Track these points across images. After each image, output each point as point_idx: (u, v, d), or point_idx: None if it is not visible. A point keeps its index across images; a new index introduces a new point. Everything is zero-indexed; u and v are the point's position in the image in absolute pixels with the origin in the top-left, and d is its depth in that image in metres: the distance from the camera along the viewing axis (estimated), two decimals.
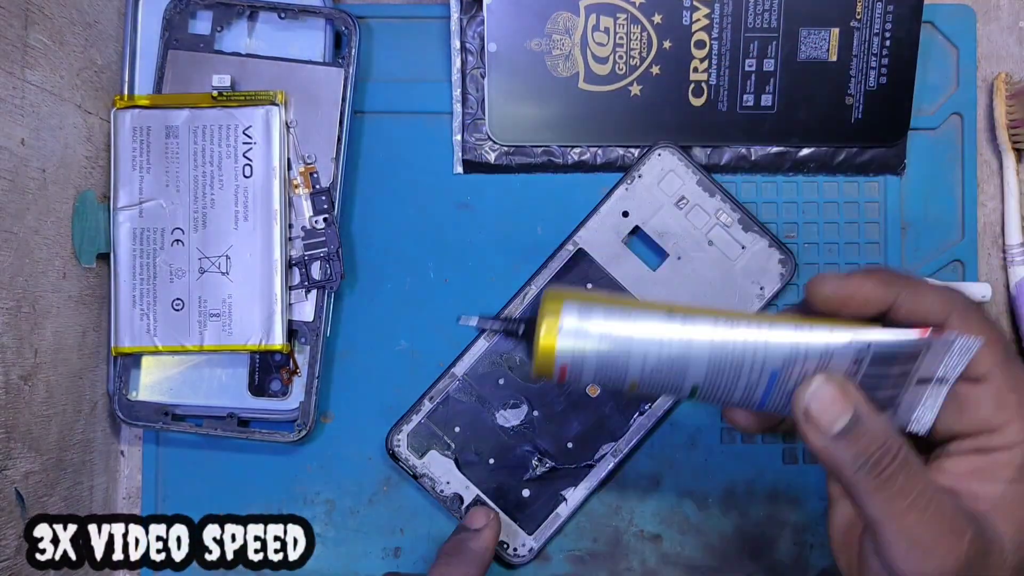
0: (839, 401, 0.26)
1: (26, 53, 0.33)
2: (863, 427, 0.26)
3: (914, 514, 0.26)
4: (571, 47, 0.38)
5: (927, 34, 0.39)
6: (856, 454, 0.26)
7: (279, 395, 0.39)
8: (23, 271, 0.33)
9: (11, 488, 0.33)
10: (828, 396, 0.26)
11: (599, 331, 0.26)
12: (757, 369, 0.26)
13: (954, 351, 0.26)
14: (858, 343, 0.26)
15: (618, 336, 0.26)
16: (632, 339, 0.26)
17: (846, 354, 0.26)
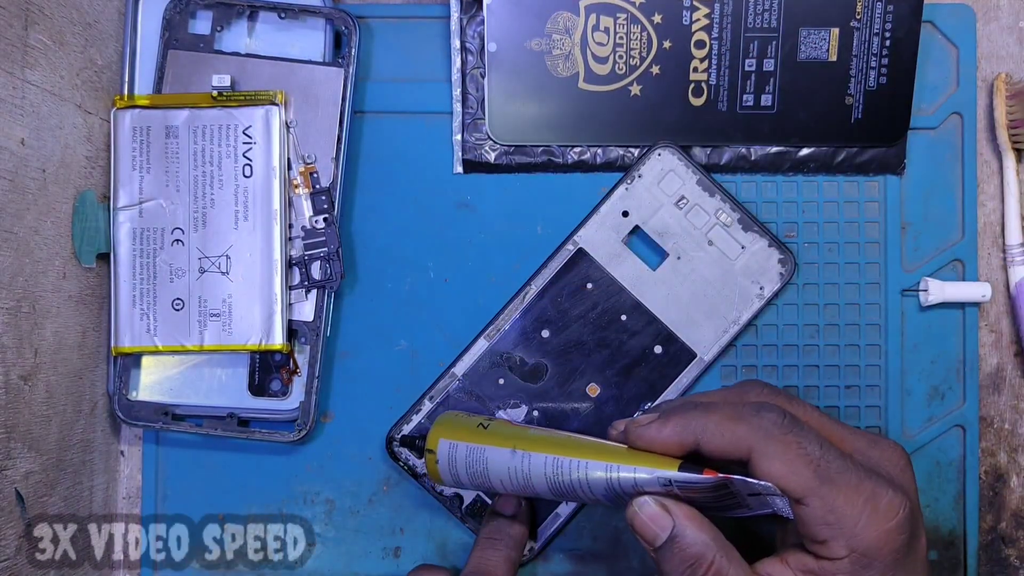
0: (659, 518, 0.30)
1: (26, 53, 0.33)
2: (680, 542, 0.30)
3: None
4: (571, 47, 0.38)
5: (927, 34, 0.39)
6: (669, 570, 0.30)
7: (279, 395, 0.39)
8: (23, 271, 0.33)
9: (11, 488, 0.33)
10: (647, 515, 0.30)
11: (463, 464, 0.34)
12: (589, 493, 0.32)
13: (759, 485, 0.29)
14: (660, 479, 0.30)
15: (477, 468, 0.34)
16: (488, 469, 0.34)
17: (653, 484, 0.30)
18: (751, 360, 0.40)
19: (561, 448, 0.32)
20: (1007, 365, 0.40)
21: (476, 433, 0.34)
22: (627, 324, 0.39)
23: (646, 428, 0.31)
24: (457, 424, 0.35)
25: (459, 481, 0.35)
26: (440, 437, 0.35)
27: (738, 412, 0.30)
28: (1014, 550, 0.40)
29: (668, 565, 0.30)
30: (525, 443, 0.33)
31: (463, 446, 0.34)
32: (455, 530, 0.40)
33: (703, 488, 0.29)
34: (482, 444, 0.34)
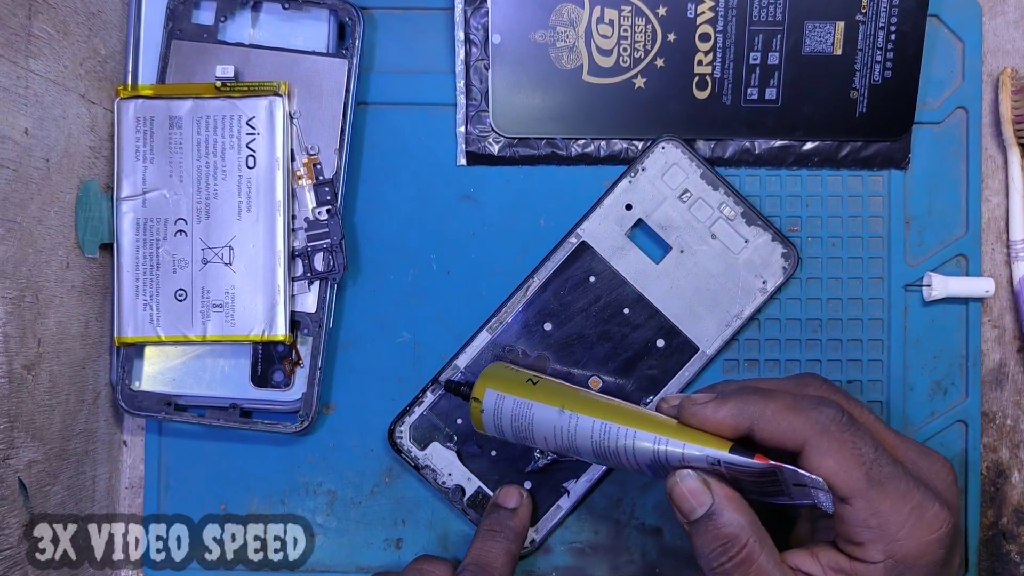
0: (698, 494, 0.30)
1: (30, 42, 0.33)
2: (714, 521, 0.30)
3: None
4: (575, 39, 0.38)
5: (932, 27, 0.39)
6: (701, 545, 0.30)
7: (281, 386, 0.39)
8: (27, 261, 0.33)
9: (14, 477, 0.33)
10: (688, 488, 0.30)
11: (508, 418, 0.34)
12: (633, 462, 0.32)
13: (807, 477, 0.29)
14: (709, 458, 0.30)
15: (522, 422, 0.34)
16: (533, 425, 0.34)
17: (699, 462, 0.30)
18: (754, 354, 0.40)
19: (610, 414, 0.32)
20: (1010, 361, 0.40)
21: (525, 388, 0.34)
22: (630, 317, 0.39)
23: (702, 407, 0.31)
24: (506, 376, 0.35)
25: (501, 432, 0.35)
26: (488, 387, 0.35)
27: (797, 403, 0.30)
28: (1015, 546, 0.40)
29: (700, 540, 0.30)
30: (574, 404, 0.33)
31: (510, 399, 0.34)
32: (457, 522, 0.40)
33: (750, 472, 0.29)
34: (530, 400, 0.34)
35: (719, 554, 0.29)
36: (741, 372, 0.40)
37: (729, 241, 0.39)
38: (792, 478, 0.29)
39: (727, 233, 0.39)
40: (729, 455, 0.30)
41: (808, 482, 0.29)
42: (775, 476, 0.29)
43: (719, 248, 0.39)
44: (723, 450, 0.30)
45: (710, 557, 0.30)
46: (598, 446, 0.32)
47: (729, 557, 0.29)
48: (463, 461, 0.39)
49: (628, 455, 0.32)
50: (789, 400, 0.30)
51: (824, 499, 0.29)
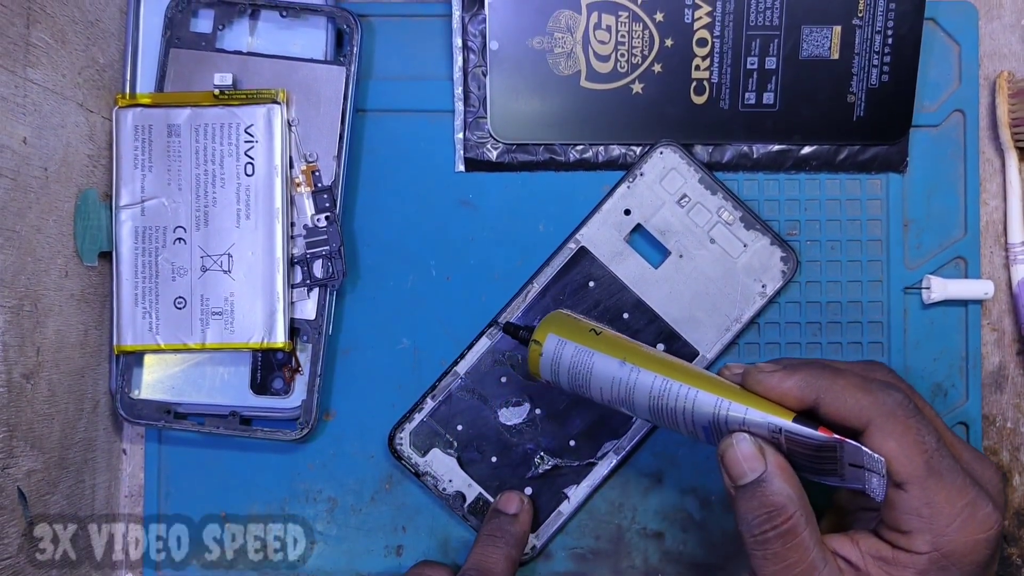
0: (752, 459, 0.30)
1: (28, 52, 0.33)
2: (763, 488, 0.29)
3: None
4: (573, 45, 0.38)
5: (929, 31, 0.39)
6: (746, 509, 0.30)
7: (281, 393, 0.39)
8: (25, 270, 0.33)
9: (13, 486, 0.33)
10: (742, 452, 0.30)
11: (567, 364, 0.34)
12: (689, 423, 0.32)
13: (866, 457, 0.29)
14: (771, 425, 0.30)
15: (580, 371, 0.33)
16: (591, 375, 0.33)
17: (761, 429, 0.30)
18: (754, 358, 0.40)
19: (673, 371, 0.32)
20: (1009, 364, 0.40)
21: (587, 336, 0.34)
22: (629, 322, 0.39)
23: (769, 375, 0.31)
24: (568, 324, 0.34)
25: (557, 379, 0.34)
26: (550, 332, 0.34)
27: (865, 384, 0.30)
28: (1016, 549, 0.40)
29: (746, 506, 0.30)
30: (636, 358, 0.33)
31: (571, 346, 0.34)
32: (457, 528, 0.40)
33: (810, 445, 0.29)
34: (592, 349, 0.33)
35: (763, 521, 0.29)
36: None
37: (728, 245, 0.39)
38: (851, 456, 0.29)
39: (726, 237, 0.39)
40: (793, 424, 0.29)
41: (867, 462, 0.29)
42: (833, 452, 0.29)
43: (718, 252, 0.39)
44: (787, 419, 0.30)
45: (753, 523, 0.29)
46: (656, 402, 0.32)
47: (773, 526, 0.29)
48: (463, 467, 0.39)
49: (686, 415, 0.31)
50: (858, 380, 0.30)
51: (877, 484, 0.29)
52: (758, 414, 0.30)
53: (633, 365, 0.32)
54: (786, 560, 0.29)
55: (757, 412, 0.30)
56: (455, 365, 0.39)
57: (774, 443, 0.30)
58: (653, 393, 0.32)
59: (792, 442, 0.30)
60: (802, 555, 0.29)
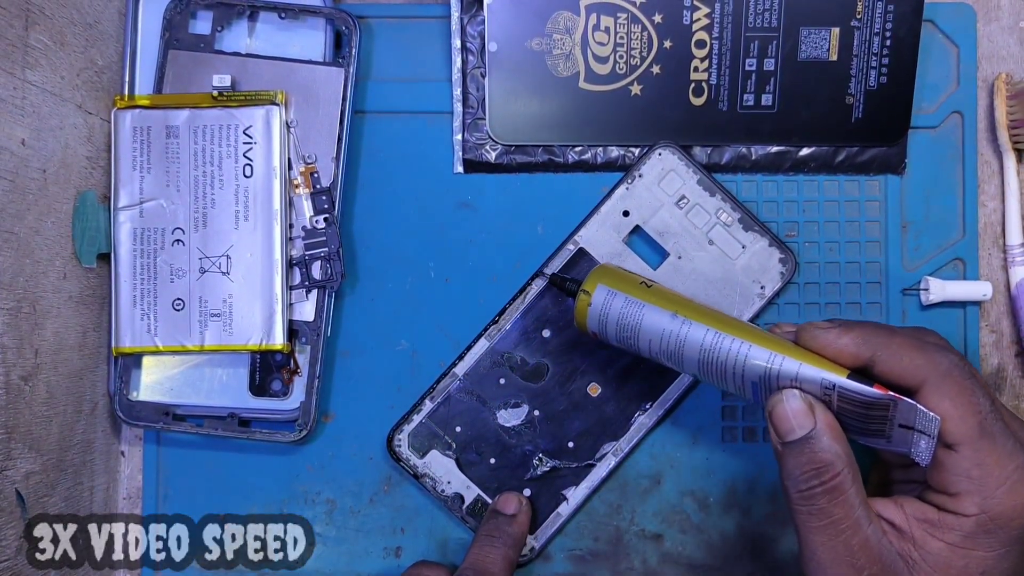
0: (801, 415, 0.29)
1: (27, 53, 0.33)
2: (812, 445, 0.29)
3: (822, 535, 0.29)
4: (571, 46, 0.38)
5: (927, 32, 0.39)
6: (793, 465, 0.29)
7: (280, 395, 0.39)
8: (24, 271, 0.33)
9: (11, 488, 0.33)
10: (792, 408, 0.30)
11: (616, 315, 0.33)
12: (739, 377, 0.31)
13: (919, 416, 0.29)
14: (824, 380, 0.30)
15: (629, 323, 0.33)
16: (641, 326, 0.33)
17: (813, 385, 0.30)
18: None
19: (725, 325, 0.32)
20: (1008, 365, 0.40)
21: (638, 288, 0.33)
22: None
23: (825, 332, 0.30)
24: (618, 275, 0.34)
25: (604, 331, 0.34)
26: (600, 282, 0.34)
27: (921, 344, 0.30)
28: None
29: (793, 462, 0.29)
30: (688, 311, 0.32)
31: (622, 297, 0.33)
32: (456, 529, 0.40)
33: (862, 403, 0.29)
34: (643, 300, 0.33)
35: (810, 476, 0.29)
36: None
37: (726, 247, 0.39)
38: (903, 416, 0.29)
39: (724, 239, 0.39)
40: (847, 380, 0.29)
41: (919, 422, 0.28)
42: (885, 411, 0.29)
43: (716, 254, 0.39)
44: (841, 375, 0.29)
45: (800, 479, 0.29)
46: (706, 356, 0.31)
47: (821, 482, 0.29)
48: (462, 469, 0.39)
49: (736, 369, 0.31)
50: (913, 340, 0.30)
51: (924, 447, 0.29)
52: (812, 369, 0.30)
53: (685, 318, 0.32)
54: (831, 516, 0.29)
55: (811, 368, 0.30)
56: (454, 366, 0.39)
57: (824, 401, 0.30)
58: (704, 346, 0.31)
59: (844, 399, 0.29)
60: (847, 512, 0.29)
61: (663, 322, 0.32)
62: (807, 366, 0.30)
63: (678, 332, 0.32)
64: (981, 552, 0.29)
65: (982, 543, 0.29)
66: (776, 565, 0.39)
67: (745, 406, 0.40)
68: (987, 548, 0.29)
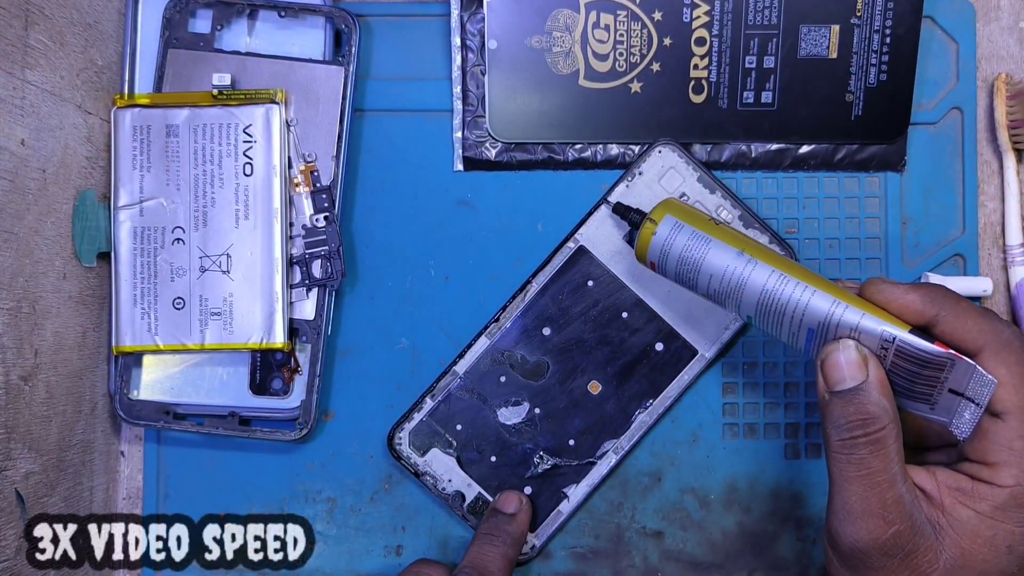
0: (853, 366, 0.30)
1: (26, 53, 0.33)
2: (861, 397, 0.29)
3: (858, 485, 0.29)
4: (571, 44, 0.38)
5: (926, 29, 0.39)
6: (839, 414, 0.29)
7: (280, 394, 0.39)
8: (23, 271, 0.33)
9: (11, 488, 0.32)
10: (846, 358, 0.30)
11: (681, 246, 0.33)
12: (796, 323, 0.31)
13: (974, 380, 0.29)
14: (885, 333, 0.30)
15: (694, 255, 0.33)
16: (704, 260, 0.33)
17: (873, 338, 0.30)
18: (753, 356, 0.40)
19: (790, 269, 0.32)
20: None
21: (706, 223, 0.33)
22: (628, 321, 0.39)
23: (892, 286, 0.30)
24: (687, 209, 0.34)
25: (664, 263, 0.34)
26: (668, 213, 0.34)
27: (984, 311, 0.30)
28: None
29: (838, 411, 0.30)
30: (754, 251, 0.32)
31: (689, 229, 0.33)
32: (457, 528, 0.40)
33: (919, 360, 0.29)
34: (710, 235, 0.33)
35: (856, 426, 0.29)
36: (741, 374, 0.40)
37: None
38: (959, 377, 0.29)
39: None
40: (909, 335, 0.29)
41: (971, 386, 0.28)
42: (939, 372, 0.29)
43: None
44: (903, 329, 0.29)
45: (844, 427, 0.29)
46: (767, 297, 0.32)
47: (865, 432, 0.29)
48: (463, 467, 0.39)
49: (796, 313, 0.31)
50: (976, 306, 0.30)
51: (968, 418, 0.29)
52: (873, 321, 0.30)
53: (751, 257, 0.32)
54: (870, 467, 0.29)
55: (873, 319, 0.30)
56: (454, 365, 0.39)
57: (878, 356, 0.30)
58: (767, 288, 0.31)
59: (901, 355, 0.29)
60: (886, 465, 0.29)
61: (728, 259, 0.32)
62: (869, 316, 0.30)
63: (742, 270, 0.32)
64: (1010, 525, 0.29)
65: (1012, 516, 0.29)
66: (777, 562, 0.39)
67: (746, 403, 0.40)
68: (1017, 522, 0.29)
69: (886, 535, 0.29)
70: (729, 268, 0.32)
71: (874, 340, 0.30)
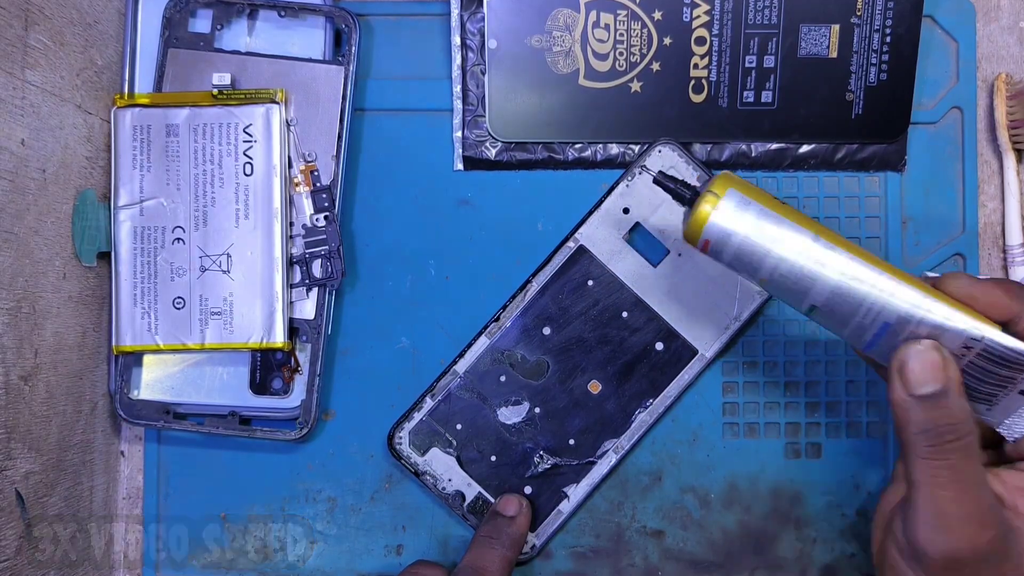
0: (936, 369, 0.28)
1: (26, 53, 0.33)
2: (946, 401, 0.28)
3: (952, 490, 0.28)
4: (571, 43, 0.38)
5: (926, 28, 0.39)
6: (927, 419, 0.28)
7: (280, 393, 0.39)
8: (23, 271, 0.33)
9: (11, 488, 0.32)
10: (929, 360, 0.28)
11: (748, 225, 0.29)
12: (872, 315, 0.29)
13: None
14: (972, 333, 0.28)
15: (762, 236, 0.29)
16: (774, 242, 0.29)
17: (956, 337, 0.28)
18: (753, 356, 0.40)
19: (867, 258, 0.29)
20: None
21: (773, 201, 0.30)
22: (628, 321, 0.39)
23: (974, 281, 0.29)
24: (749, 185, 0.30)
25: (724, 244, 0.30)
26: (731, 187, 0.30)
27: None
28: None
29: (928, 415, 0.28)
30: (829, 235, 0.29)
31: (757, 207, 0.29)
32: (457, 527, 0.40)
33: (1004, 359, 0.28)
34: (782, 215, 0.29)
35: (947, 431, 0.28)
36: (741, 374, 0.40)
37: None
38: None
39: None
40: (1000, 333, 0.28)
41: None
42: (1018, 373, 0.28)
43: None
44: (995, 328, 0.28)
45: (933, 432, 0.28)
46: (842, 288, 0.29)
47: (956, 436, 0.28)
48: (463, 466, 0.39)
49: (874, 306, 0.29)
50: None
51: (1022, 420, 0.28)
52: (963, 319, 0.28)
53: (828, 242, 0.29)
54: (963, 472, 0.28)
55: (962, 316, 0.28)
56: (454, 364, 0.39)
57: (957, 356, 0.28)
58: (846, 274, 0.29)
59: (985, 355, 0.28)
60: (976, 468, 0.28)
61: (803, 243, 0.29)
62: (958, 314, 0.28)
63: (818, 257, 0.29)
64: None
65: None
66: (777, 561, 0.39)
67: (746, 402, 0.40)
68: None
69: (984, 540, 0.28)
70: (803, 253, 0.29)
71: (958, 339, 0.28)
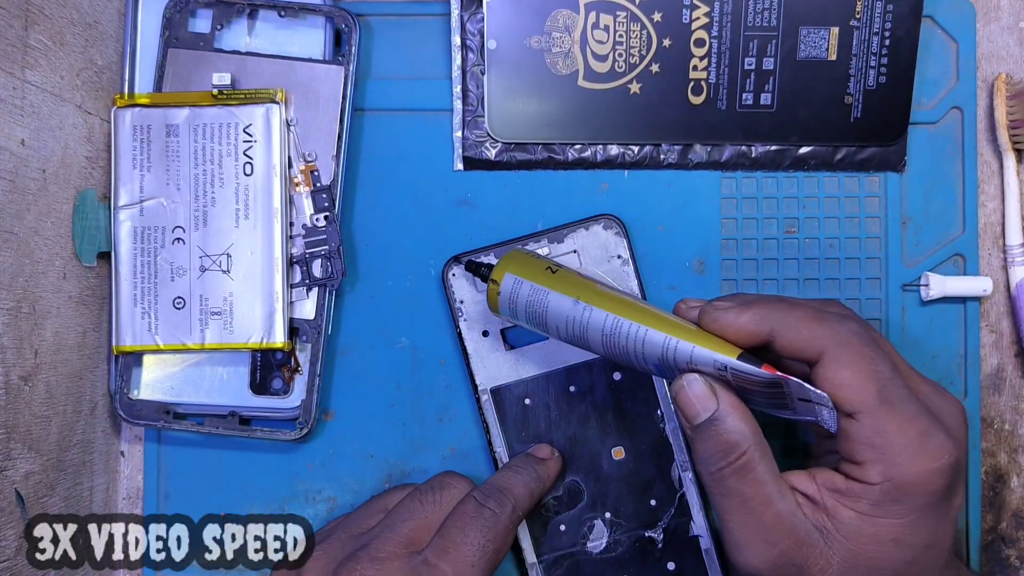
0: (705, 399, 0.30)
1: (26, 53, 0.33)
2: (717, 427, 0.29)
3: (736, 515, 0.30)
4: (571, 45, 0.38)
5: (926, 28, 0.39)
6: (702, 449, 0.30)
7: (280, 393, 0.39)
8: (23, 271, 0.33)
9: (11, 489, 0.32)
10: (696, 391, 0.30)
11: (524, 302, 0.34)
12: (641, 360, 0.32)
13: (812, 392, 0.29)
14: (716, 363, 0.30)
15: (536, 309, 0.34)
16: (547, 313, 0.34)
17: (707, 367, 0.30)
18: None
19: (624, 309, 0.32)
20: (1007, 365, 0.40)
21: (543, 275, 0.34)
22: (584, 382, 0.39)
23: (723, 312, 0.30)
24: (525, 262, 0.35)
25: (516, 316, 0.35)
26: (507, 271, 0.34)
27: (820, 315, 0.30)
28: (1014, 550, 0.40)
29: (702, 445, 0.30)
30: (589, 296, 0.33)
31: (528, 284, 0.34)
32: None
33: (755, 382, 0.29)
34: (547, 287, 0.33)
35: (719, 459, 0.29)
36: None
37: None
38: (797, 392, 0.29)
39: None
40: (737, 361, 0.30)
41: (813, 398, 0.29)
42: (781, 388, 0.29)
43: None
44: (732, 356, 0.30)
45: (709, 461, 0.30)
46: (608, 340, 0.32)
47: (728, 462, 0.29)
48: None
49: (637, 352, 0.32)
50: (812, 311, 0.30)
51: (828, 416, 0.29)
52: (705, 352, 0.30)
53: (586, 304, 0.33)
54: (741, 495, 0.29)
55: (704, 350, 0.30)
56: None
57: (725, 381, 0.30)
58: (605, 331, 0.32)
59: (740, 379, 0.30)
60: (757, 489, 0.29)
61: (566, 308, 0.33)
62: (700, 348, 0.30)
63: (580, 318, 0.33)
64: (890, 520, 0.29)
65: (890, 511, 0.29)
66: None
67: None
68: (896, 516, 0.29)
69: (773, 556, 0.29)
70: (569, 317, 0.33)
71: (711, 368, 0.30)
